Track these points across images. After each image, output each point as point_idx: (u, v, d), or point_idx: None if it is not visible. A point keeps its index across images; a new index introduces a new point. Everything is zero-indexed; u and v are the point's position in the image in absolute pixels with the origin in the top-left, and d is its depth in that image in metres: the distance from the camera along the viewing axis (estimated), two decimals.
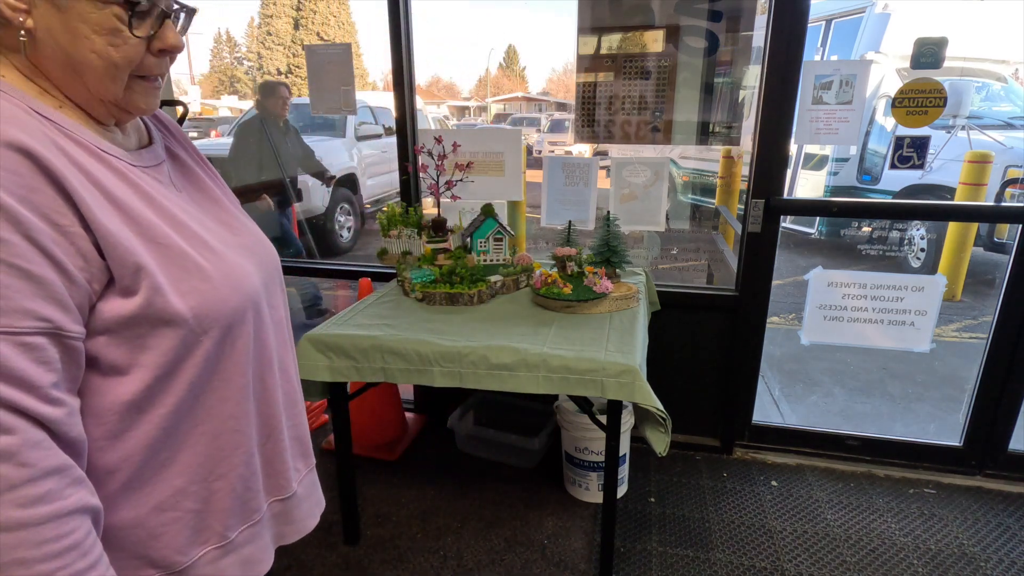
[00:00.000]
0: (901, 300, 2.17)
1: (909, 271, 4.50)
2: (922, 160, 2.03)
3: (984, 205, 3.56)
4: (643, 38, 2.16)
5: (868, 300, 2.20)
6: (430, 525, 2.01)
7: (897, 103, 1.99)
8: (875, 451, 2.36)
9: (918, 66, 1.97)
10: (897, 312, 2.19)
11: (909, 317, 2.18)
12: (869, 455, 2.37)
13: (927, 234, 4.66)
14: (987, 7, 4.77)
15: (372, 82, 36.10)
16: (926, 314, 2.15)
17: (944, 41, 1.95)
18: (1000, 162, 4.54)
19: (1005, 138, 4.69)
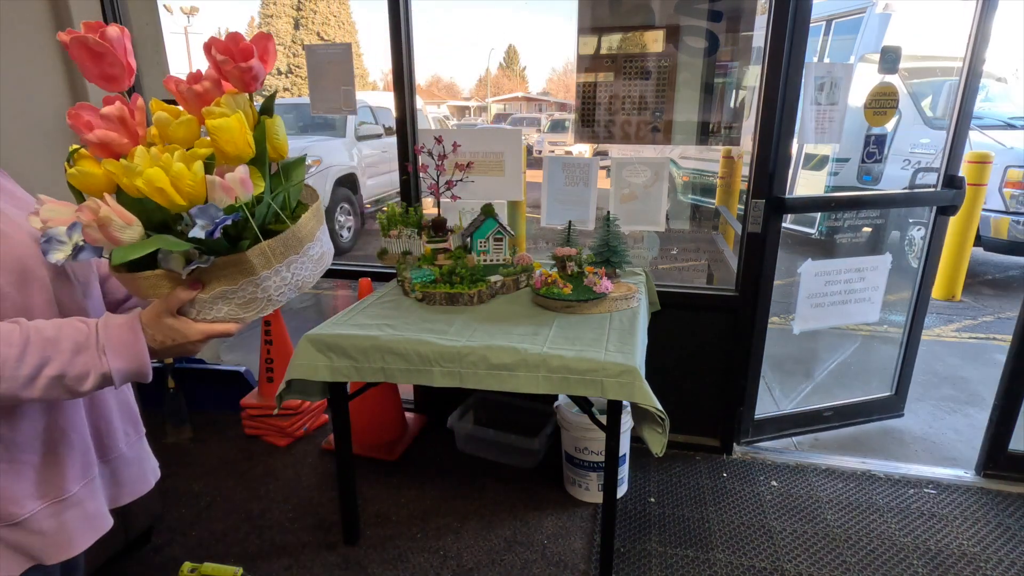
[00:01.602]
0: (863, 279, 2.44)
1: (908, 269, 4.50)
2: (882, 155, 2.32)
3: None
4: (643, 38, 2.16)
5: (841, 283, 2.43)
6: (430, 525, 2.01)
7: (867, 105, 2.24)
8: (844, 415, 2.63)
9: (884, 71, 2.21)
10: (860, 291, 2.45)
11: (867, 293, 2.47)
12: (839, 420, 2.63)
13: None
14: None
15: (372, 82, 36.10)
16: (878, 288, 2.48)
17: (898, 49, 2.19)
18: (1000, 162, 4.54)
19: (1005, 138, 4.69)
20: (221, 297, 0.75)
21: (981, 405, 2.68)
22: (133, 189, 0.68)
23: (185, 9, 28.58)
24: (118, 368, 0.74)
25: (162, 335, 0.76)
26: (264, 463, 2.35)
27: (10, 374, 0.68)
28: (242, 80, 0.74)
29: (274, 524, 2.00)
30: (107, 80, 0.73)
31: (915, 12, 5.04)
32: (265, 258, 0.74)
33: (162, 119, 0.72)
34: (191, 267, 0.70)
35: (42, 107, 2.29)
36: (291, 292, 0.80)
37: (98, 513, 0.86)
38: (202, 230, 0.66)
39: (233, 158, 0.71)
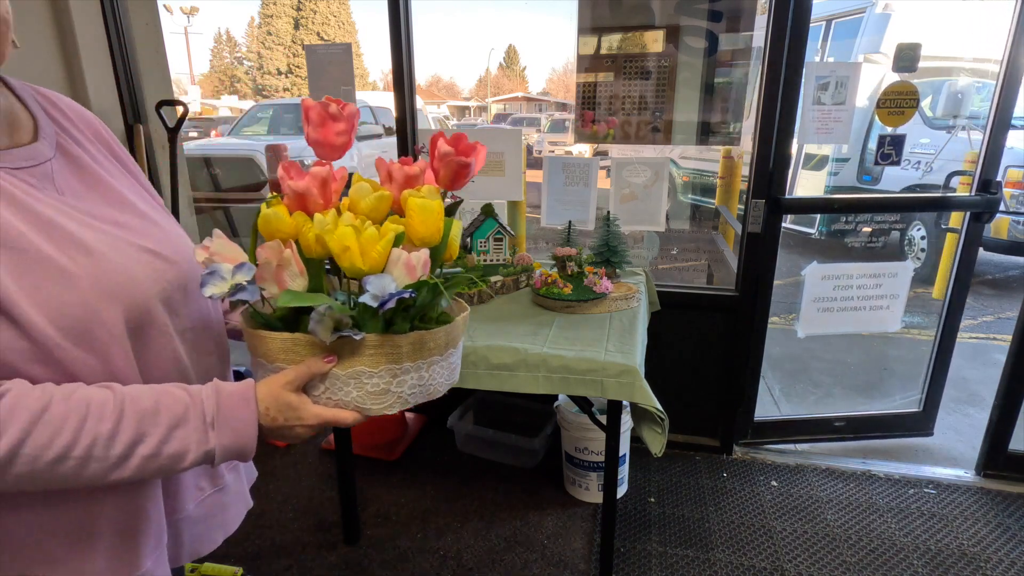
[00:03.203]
0: (880, 286, 2.33)
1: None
2: (899, 157, 2.19)
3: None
4: (643, 38, 2.16)
5: (854, 289, 2.34)
6: (430, 525, 2.01)
7: (881, 104, 2.13)
8: (857, 427, 2.52)
9: (898, 69, 2.11)
10: (876, 298, 2.35)
11: (885, 301, 2.36)
12: (852, 432, 2.52)
13: (928, 234, 4.66)
14: (987, 7, 4.76)
15: (372, 82, 36.12)
16: (897, 297, 2.36)
17: (918, 46, 2.09)
18: (1000, 162, 4.54)
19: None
20: (355, 378, 0.69)
21: (981, 405, 2.68)
22: (313, 247, 0.69)
23: (185, 9, 28.60)
24: (223, 445, 0.65)
25: (277, 411, 0.68)
26: (264, 463, 2.35)
27: (101, 454, 0.59)
28: (456, 174, 0.79)
29: (274, 524, 2.00)
30: (326, 145, 0.76)
31: (915, 12, 5.04)
32: (414, 349, 0.71)
33: (362, 189, 0.73)
34: (338, 335, 0.66)
35: None
36: (420, 396, 0.74)
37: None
38: (374, 299, 0.64)
39: (419, 241, 0.72)
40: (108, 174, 0.73)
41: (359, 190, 0.73)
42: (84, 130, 0.75)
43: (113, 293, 0.63)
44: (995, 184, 2.19)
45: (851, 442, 2.51)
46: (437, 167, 0.79)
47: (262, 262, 0.67)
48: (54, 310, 0.59)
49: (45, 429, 0.56)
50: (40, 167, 0.65)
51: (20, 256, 0.58)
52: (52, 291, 0.59)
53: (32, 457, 0.56)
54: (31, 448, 0.56)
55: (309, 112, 0.76)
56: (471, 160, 0.78)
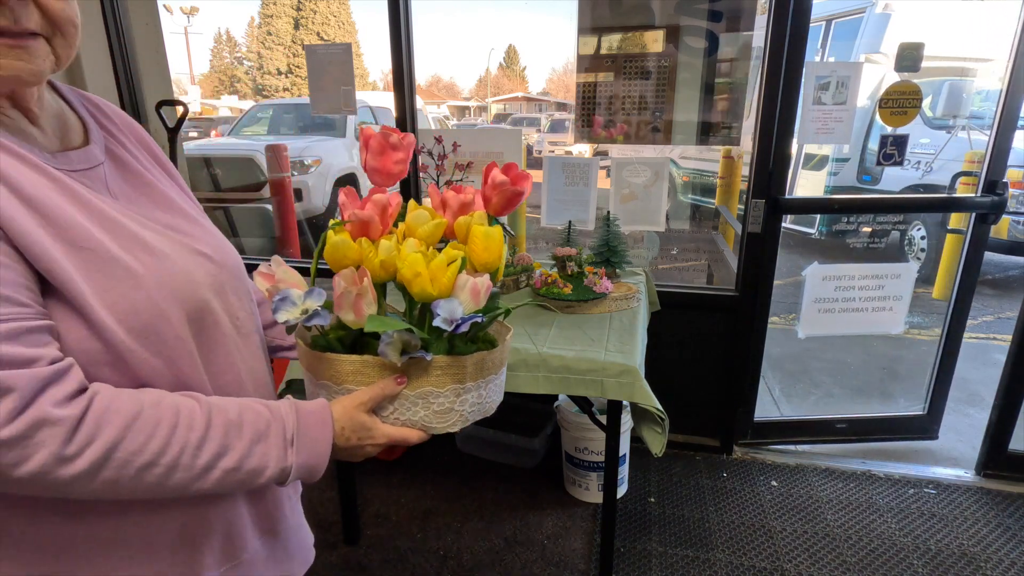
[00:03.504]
0: (883, 288, 2.31)
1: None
2: (902, 157, 2.18)
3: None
4: (643, 38, 2.16)
5: (856, 290, 2.32)
6: (430, 525, 2.01)
7: (883, 104, 2.11)
8: (860, 429, 2.49)
9: (901, 69, 2.09)
10: (879, 299, 2.33)
11: (888, 303, 2.33)
12: (855, 434, 2.49)
13: (928, 233, 4.66)
14: (987, 7, 4.76)
15: (372, 82, 36.12)
16: (901, 299, 2.33)
17: (921, 45, 2.08)
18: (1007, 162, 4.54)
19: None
20: (423, 398, 0.72)
21: (981, 405, 2.68)
22: (377, 272, 0.72)
23: (185, 9, 28.58)
24: (299, 464, 0.65)
25: (351, 431, 0.69)
26: None
27: (188, 463, 0.58)
28: (508, 201, 0.84)
29: None
30: (383, 173, 0.80)
31: (915, 12, 5.04)
32: (477, 369, 0.74)
33: (421, 216, 0.76)
34: (408, 356, 0.69)
35: None
36: (478, 414, 0.77)
37: None
38: (446, 323, 0.67)
39: (481, 266, 0.76)
40: (155, 178, 0.73)
41: (417, 217, 0.76)
42: (129, 135, 0.75)
43: (176, 294, 0.63)
44: (1001, 185, 2.15)
45: (854, 444, 2.49)
46: (489, 195, 0.83)
47: (342, 291, 0.68)
48: (123, 310, 0.58)
49: (138, 434, 0.56)
50: (94, 170, 0.65)
51: (90, 256, 0.57)
52: (121, 291, 0.58)
53: (123, 462, 0.55)
54: (123, 452, 0.55)
55: (369, 140, 0.79)
56: (523, 189, 0.83)
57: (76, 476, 0.53)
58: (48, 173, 0.58)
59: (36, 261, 0.54)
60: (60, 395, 0.53)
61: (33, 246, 0.54)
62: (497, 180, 0.82)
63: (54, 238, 0.55)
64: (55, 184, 0.58)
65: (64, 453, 0.52)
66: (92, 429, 0.54)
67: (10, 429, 0.50)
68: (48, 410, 0.52)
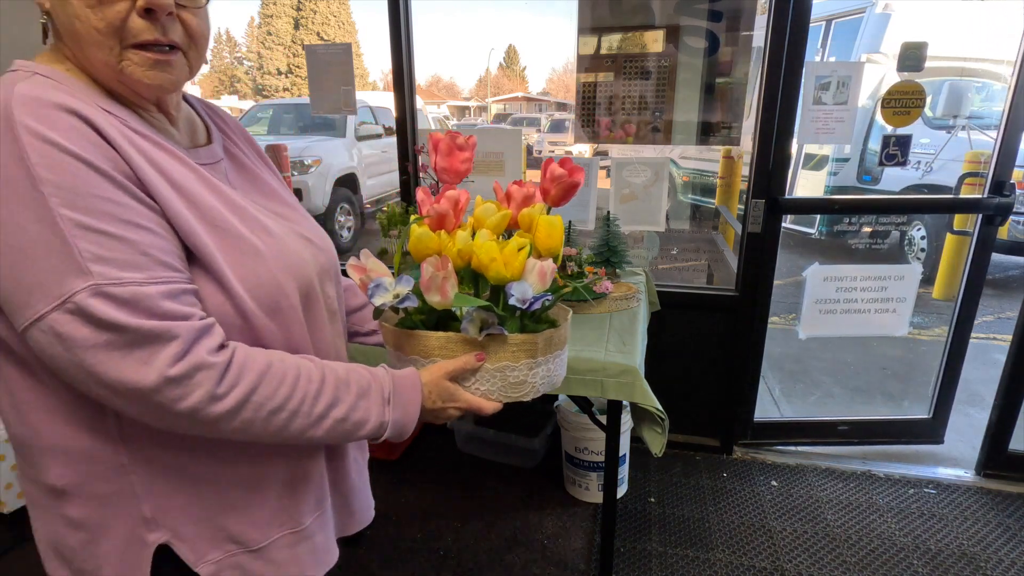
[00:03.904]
0: (885, 289, 2.29)
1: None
2: (905, 157, 2.15)
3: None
4: (643, 38, 2.16)
5: (858, 291, 2.30)
6: (430, 525, 2.01)
7: (885, 104, 2.09)
8: (863, 433, 2.46)
9: (903, 69, 2.07)
10: (882, 300, 2.31)
11: (892, 304, 2.31)
12: (858, 437, 2.46)
13: (929, 233, 4.66)
14: (987, 7, 4.77)
15: (372, 82, 36.11)
16: (905, 300, 2.31)
17: (924, 45, 2.05)
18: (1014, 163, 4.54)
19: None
20: (500, 372, 0.81)
21: (981, 405, 2.68)
22: (455, 260, 0.80)
23: None
24: (395, 420, 0.75)
25: (437, 395, 0.79)
26: None
27: (307, 410, 0.68)
28: (565, 192, 0.91)
29: None
30: (451, 171, 0.91)
31: (915, 12, 5.04)
32: (547, 345, 0.83)
33: (488, 209, 0.85)
34: (487, 331, 0.78)
35: None
36: (547, 386, 0.86)
37: (326, 547, 0.85)
38: (520, 302, 0.76)
39: (545, 251, 0.85)
40: (261, 173, 0.84)
41: (485, 210, 0.85)
42: (239, 136, 0.86)
43: (290, 270, 0.73)
44: (1008, 186, 2.12)
45: (855, 447, 2.47)
46: (548, 187, 0.91)
47: (430, 276, 0.77)
48: (251, 282, 0.68)
49: (271, 382, 0.66)
50: (217, 164, 0.77)
51: (224, 234, 0.68)
52: (249, 266, 0.68)
53: (258, 405, 0.65)
54: (259, 397, 0.65)
55: (438, 144, 0.90)
56: (579, 180, 0.91)
57: (221, 415, 0.63)
58: (189, 165, 0.69)
59: (185, 237, 0.64)
60: (211, 345, 0.63)
61: (183, 224, 0.64)
62: (556, 173, 0.90)
63: (197, 218, 0.66)
64: (195, 174, 0.69)
65: (216, 392, 0.62)
66: (236, 375, 0.64)
67: (176, 368, 0.59)
68: (204, 356, 0.61)
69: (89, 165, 0.58)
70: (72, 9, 0.60)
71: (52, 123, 0.57)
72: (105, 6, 0.60)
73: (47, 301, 0.56)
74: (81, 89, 0.64)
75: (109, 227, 0.58)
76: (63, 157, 0.57)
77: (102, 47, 0.62)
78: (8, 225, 0.56)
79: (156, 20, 0.63)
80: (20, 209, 0.56)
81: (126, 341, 0.58)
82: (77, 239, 0.56)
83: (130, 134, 0.64)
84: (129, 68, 0.64)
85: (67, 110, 0.58)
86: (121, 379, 0.58)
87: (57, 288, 0.56)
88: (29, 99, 0.57)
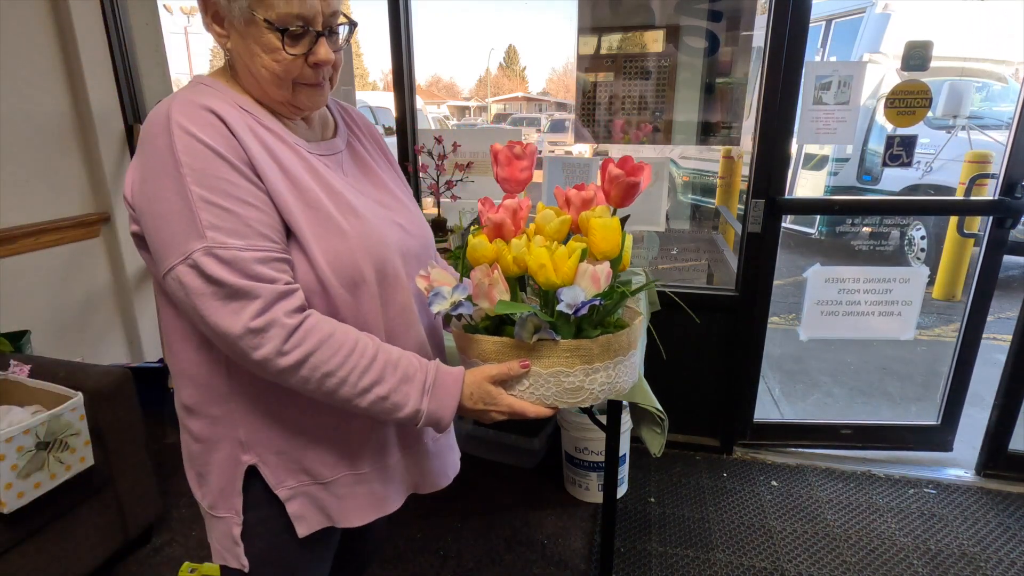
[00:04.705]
0: (890, 292, 2.25)
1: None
2: (910, 158, 2.12)
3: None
4: (643, 38, 2.16)
5: (861, 293, 2.27)
6: (430, 525, 2.01)
7: (889, 104, 2.05)
8: (866, 437, 2.43)
9: (908, 68, 2.04)
10: (887, 303, 2.27)
11: (897, 307, 2.27)
12: (861, 442, 2.43)
13: (930, 232, 4.65)
14: (987, 7, 4.76)
15: (372, 82, 36.08)
16: (911, 304, 2.26)
17: (930, 44, 2.02)
18: (1000, 162, 4.54)
19: (1005, 138, 4.69)
20: (554, 377, 0.82)
21: (981, 405, 2.67)
22: (510, 267, 0.84)
23: (185, 9, 28.56)
24: (430, 410, 0.81)
25: (478, 396, 0.84)
26: None
27: (354, 380, 0.77)
28: (626, 193, 0.89)
29: None
30: (511, 181, 0.94)
31: (915, 12, 5.04)
32: (603, 350, 0.82)
33: (547, 216, 0.87)
34: (537, 337, 0.81)
35: (42, 107, 2.29)
36: (609, 392, 0.86)
37: (384, 495, 0.94)
38: (568, 307, 0.77)
39: (601, 255, 0.85)
40: (378, 167, 0.98)
41: (544, 217, 0.87)
42: (365, 132, 1.00)
43: (370, 249, 0.83)
44: (1020, 188, 2.08)
45: (857, 452, 2.43)
46: (608, 188, 0.90)
47: (476, 282, 0.81)
48: (332, 256, 0.80)
49: (329, 348, 0.76)
50: (335, 156, 0.91)
51: (315, 213, 0.80)
52: (332, 242, 0.80)
53: (314, 366, 0.76)
54: (315, 359, 0.75)
55: (498, 154, 0.94)
56: (639, 180, 0.88)
57: (285, 368, 0.75)
58: (300, 154, 0.83)
59: (283, 212, 0.78)
60: (288, 308, 0.75)
61: (284, 202, 0.78)
62: (613, 174, 0.89)
63: (296, 198, 0.79)
64: (303, 162, 0.83)
65: (283, 348, 0.74)
66: (301, 337, 0.75)
67: (256, 322, 0.73)
68: (279, 316, 0.74)
69: (216, 152, 0.73)
70: (261, 62, 0.78)
71: (194, 119, 0.73)
72: (287, 61, 0.78)
73: (176, 256, 0.72)
74: (232, 95, 0.81)
75: (224, 202, 0.73)
76: (198, 146, 0.72)
77: (281, 87, 0.81)
78: (158, 195, 0.73)
79: (320, 69, 0.81)
80: (167, 183, 0.72)
81: (225, 294, 0.72)
82: (200, 210, 0.72)
83: (257, 128, 0.80)
84: (299, 97, 0.83)
85: (208, 110, 0.75)
86: (217, 323, 0.73)
87: (184, 246, 0.72)
88: (185, 102, 0.75)
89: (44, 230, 2.30)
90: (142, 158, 0.75)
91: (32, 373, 1.63)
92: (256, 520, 0.87)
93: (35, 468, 1.41)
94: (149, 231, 0.76)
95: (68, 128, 2.40)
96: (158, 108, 0.76)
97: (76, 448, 1.50)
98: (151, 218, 0.75)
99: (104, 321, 2.62)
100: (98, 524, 1.67)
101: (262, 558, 0.88)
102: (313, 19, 0.77)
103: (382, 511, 0.94)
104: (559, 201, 0.92)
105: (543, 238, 0.84)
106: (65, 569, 1.59)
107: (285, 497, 0.87)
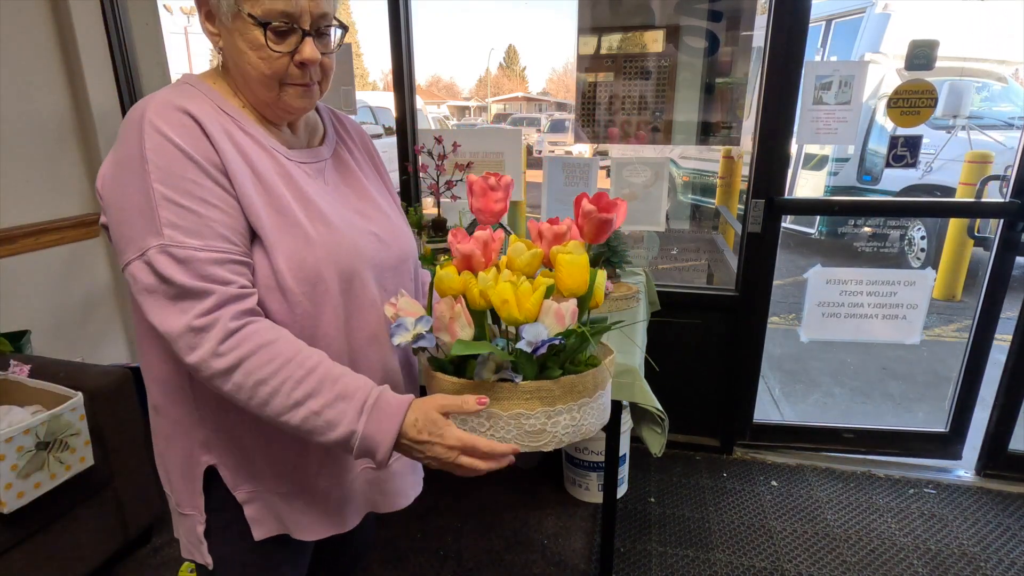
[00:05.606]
0: (895, 295, 2.23)
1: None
2: (915, 159, 2.08)
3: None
4: (643, 38, 2.16)
5: (864, 296, 2.24)
6: (430, 525, 2.01)
7: (892, 104, 2.03)
8: (870, 442, 2.40)
9: (912, 67, 2.01)
10: (891, 306, 2.24)
11: (902, 311, 2.24)
12: (864, 447, 2.40)
13: (928, 233, 4.65)
14: (987, 7, 4.76)
15: (372, 82, 36.07)
16: (917, 307, 2.23)
17: (935, 43, 1.99)
18: (1000, 162, 4.54)
19: (1005, 138, 4.68)
20: (515, 419, 0.78)
21: (981, 405, 2.68)
22: (477, 301, 0.81)
23: (185, 9, 28.54)
24: (366, 433, 0.76)
25: (423, 424, 0.77)
26: None
27: (287, 391, 0.74)
28: (598, 229, 0.88)
29: None
30: (485, 211, 0.92)
31: (915, 12, 5.04)
32: (566, 392, 0.79)
33: (519, 248, 0.85)
34: (499, 375, 0.78)
35: (42, 107, 2.29)
36: (574, 436, 0.81)
37: (340, 513, 0.93)
38: (528, 345, 0.74)
39: (568, 292, 0.82)
40: (364, 176, 0.97)
41: (516, 249, 0.85)
42: (357, 142, 1.00)
43: (337, 258, 0.82)
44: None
45: (858, 456, 2.40)
46: (581, 223, 0.90)
47: (438, 315, 0.80)
48: (294, 262, 0.79)
49: (266, 354, 0.74)
50: (318, 164, 0.90)
51: (283, 218, 0.80)
52: (295, 248, 0.79)
53: (248, 371, 0.74)
54: (250, 364, 0.74)
55: (473, 186, 0.92)
56: (612, 216, 0.87)
57: (218, 371, 0.73)
58: (277, 159, 0.83)
59: (249, 215, 0.77)
60: (236, 310, 0.74)
61: (251, 205, 0.77)
62: (586, 209, 0.88)
63: (265, 202, 0.79)
64: (278, 167, 0.83)
65: (218, 350, 0.73)
66: (239, 340, 0.74)
67: (200, 320, 0.72)
68: (223, 318, 0.73)
69: (184, 153, 0.73)
70: (248, 59, 0.78)
71: (167, 119, 0.74)
72: (273, 59, 0.78)
73: (133, 251, 0.73)
74: (217, 98, 0.81)
75: (185, 201, 0.73)
76: (167, 145, 0.73)
77: (268, 87, 0.81)
78: (123, 190, 0.74)
79: (306, 69, 0.81)
80: (132, 180, 0.73)
81: (175, 293, 0.72)
82: (161, 208, 0.72)
83: (234, 131, 0.80)
84: (285, 98, 0.82)
85: (183, 111, 0.75)
86: (161, 321, 0.73)
87: (141, 242, 0.72)
88: (162, 102, 0.76)
89: (44, 230, 2.30)
90: (115, 153, 0.76)
91: (32, 373, 1.63)
92: (222, 522, 0.88)
93: (35, 468, 1.41)
94: (112, 224, 0.77)
95: (68, 128, 2.40)
96: (137, 105, 0.77)
97: (76, 448, 1.50)
98: (115, 211, 0.75)
99: (104, 321, 2.62)
100: (98, 524, 1.67)
101: (226, 559, 0.90)
102: (299, 17, 0.77)
103: (337, 528, 0.93)
104: (532, 234, 0.90)
105: (511, 272, 0.82)
106: (65, 569, 1.59)
107: (242, 500, 0.87)
